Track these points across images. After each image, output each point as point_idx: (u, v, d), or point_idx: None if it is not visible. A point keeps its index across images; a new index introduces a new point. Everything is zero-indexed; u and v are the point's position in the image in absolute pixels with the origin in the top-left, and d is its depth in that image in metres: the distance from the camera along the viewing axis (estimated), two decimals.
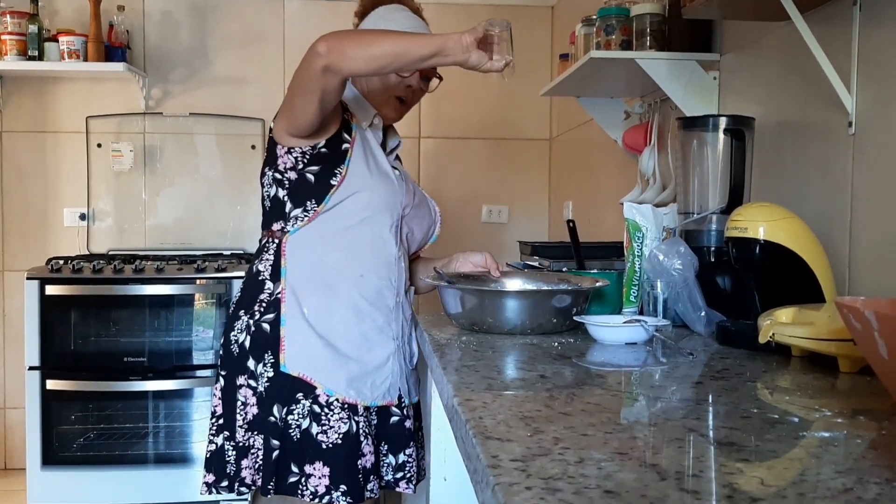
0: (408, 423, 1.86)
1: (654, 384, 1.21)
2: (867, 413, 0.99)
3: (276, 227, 1.79)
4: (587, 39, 2.42)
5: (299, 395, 1.73)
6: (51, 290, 3.27)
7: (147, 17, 3.93)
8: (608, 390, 1.16)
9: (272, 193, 1.78)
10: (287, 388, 1.73)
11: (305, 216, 1.75)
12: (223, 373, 1.81)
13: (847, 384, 1.16)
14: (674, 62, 2.15)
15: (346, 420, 1.73)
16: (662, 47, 2.17)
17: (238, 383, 1.77)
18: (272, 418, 1.73)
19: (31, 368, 3.27)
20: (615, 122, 2.87)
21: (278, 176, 1.76)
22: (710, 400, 1.08)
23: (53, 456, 3.29)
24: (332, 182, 1.73)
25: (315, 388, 1.72)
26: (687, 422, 0.95)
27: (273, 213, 1.79)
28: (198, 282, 3.33)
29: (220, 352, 1.84)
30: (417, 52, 1.52)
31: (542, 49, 4.10)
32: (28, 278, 3.28)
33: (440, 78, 1.92)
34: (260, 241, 1.85)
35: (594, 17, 2.34)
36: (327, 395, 1.72)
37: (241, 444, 1.76)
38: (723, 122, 1.77)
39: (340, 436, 1.72)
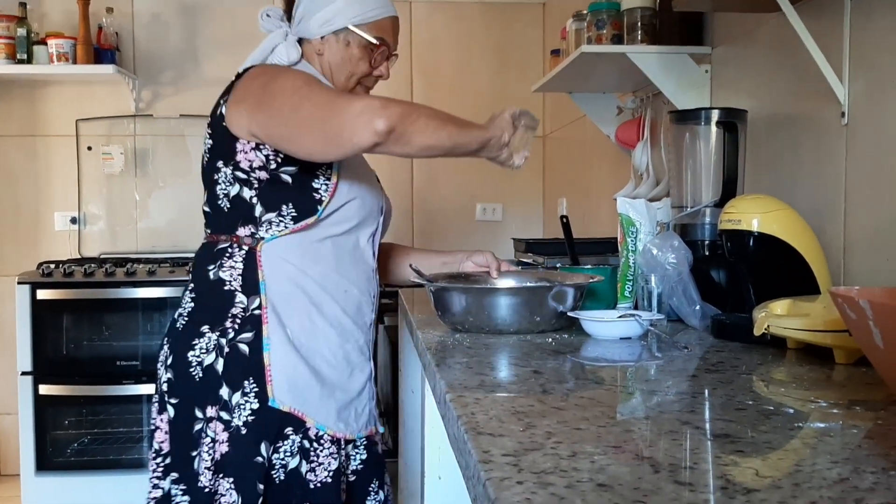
0: (381, 450, 1.69)
1: (649, 378, 1.20)
2: (863, 403, 0.98)
3: (242, 231, 1.55)
4: (578, 34, 2.41)
5: (288, 430, 1.51)
6: (42, 294, 3.25)
7: (136, 18, 3.92)
8: (602, 385, 1.14)
9: (233, 193, 1.53)
10: (275, 423, 1.49)
11: (281, 221, 1.53)
12: (173, 401, 1.52)
13: (843, 375, 1.15)
14: (665, 56, 2.15)
15: (335, 455, 1.55)
16: (654, 41, 2.17)
17: (202, 415, 1.49)
18: (259, 458, 1.48)
19: (23, 374, 3.25)
20: (608, 117, 2.86)
21: (242, 175, 1.52)
22: (706, 393, 1.07)
23: (47, 461, 3.28)
24: (317, 185, 1.52)
25: (304, 422, 1.52)
26: (681, 415, 0.94)
27: (235, 215, 1.54)
28: None
29: (168, 375, 1.54)
30: (466, 147, 1.47)
31: (534, 45, 4.09)
32: (19, 283, 3.27)
33: (396, 56, 1.70)
34: (212, 245, 1.59)
35: (585, 11, 2.33)
36: (317, 430, 1.53)
37: (204, 488, 1.48)
38: (715, 115, 1.76)
39: (330, 473, 1.54)
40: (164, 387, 1.55)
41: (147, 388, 3.30)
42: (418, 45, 4.01)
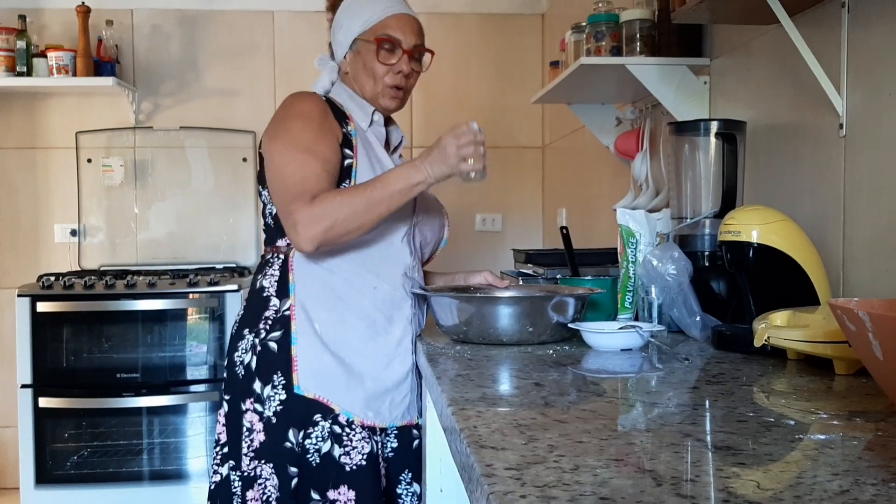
0: (419, 444, 1.73)
1: (650, 390, 1.20)
2: (863, 415, 0.98)
3: (281, 242, 1.71)
4: (577, 46, 2.42)
5: (317, 417, 1.61)
6: (42, 306, 3.25)
7: (136, 30, 3.93)
8: (603, 397, 1.15)
9: (274, 210, 1.68)
10: (302, 410, 1.61)
11: None
12: (227, 397, 1.69)
13: (843, 386, 1.16)
14: (664, 67, 2.15)
15: (368, 440, 1.62)
16: (652, 53, 2.17)
17: (243, 408, 1.65)
18: (288, 444, 1.60)
19: (23, 386, 3.24)
20: (607, 128, 2.87)
21: None
22: (707, 405, 1.07)
23: (47, 474, 3.26)
24: None
25: (332, 409, 1.62)
26: (683, 427, 0.94)
27: (276, 229, 1.70)
28: (190, 296, 3.31)
29: (225, 374, 1.73)
30: (399, 196, 1.55)
31: (533, 57, 4.11)
32: (19, 295, 3.27)
33: (432, 52, 1.80)
34: (262, 256, 1.77)
35: (584, 23, 2.34)
36: (346, 417, 1.62)
37: (246, 473, 1.63)
38: (714, 126, 1.77)
39: (364, 456, 1.61)
40: (224, 385, 1.73)
41: (147, 401, 3.29)
42: None
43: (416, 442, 1.71)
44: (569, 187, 3.70)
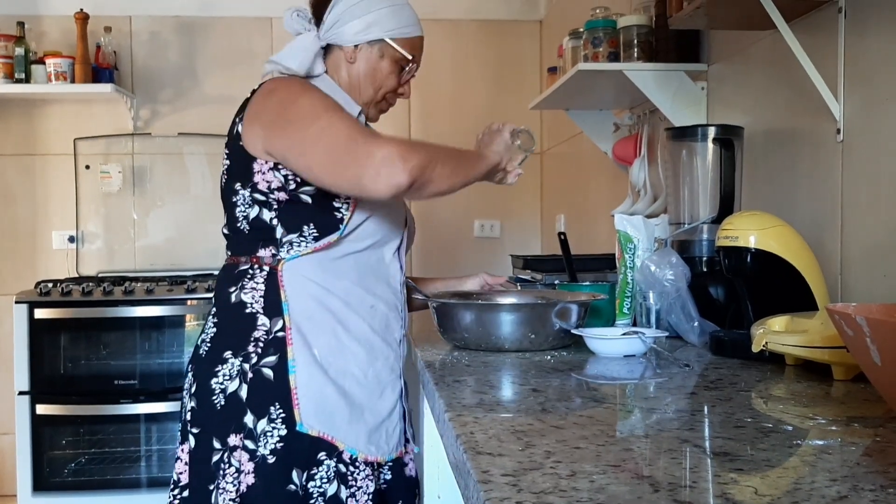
0: (411, 471, 1.63)
1: (648, 396, 1.20)
2: (861, 420, 0.98)
3: (263, 252, 1.49)
4: (575, 52, 2.42)
5: (321, 456, 1.44)
6: (40, 313, 3.24)
7: (134, 37, 3.93)
8: (601, 403, 1.14)
9: (252, 215, 1.48)
10: (305, 448, 1.43)
11: (303, 241, 1.48)
12: (195, 430, 1.46)
13: (841, 391, 1.15)
14: (661, 73, 2.16)
15: (372, 477, 1.49)
16: (650, 58, 2.18)
17: (225, 445, 1.43)
18: (292, 486, 1.41)
19: (20, 393, 3.24)
20: (605, 134, 2.87)
21: (261, 197, 1.47)
22: (705, 410, 1.06)
23: (45, 481, 3.25)
24: (337, 203, 1.47)
25: (336, 446, 1.45)
26: (681, 433, 0.94)
27: (256, 236, 1.49)
28: (188, 302, 3.31)
29: (192, 404, 1.48)
30: (471, 182, 1.52)
31: (531, 63, 4.11)
32: (17, 302, 3.26)
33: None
34: (233, 266, 1.53)
35: (581, 29, 2.35)
36: (350, 453, 1.47)
37: None
38: (711, 131, 1.77)
39: (370, 497, 1.47)
40: (188, 416, 1.49)
41: (145, 408, 3.28)
42: None
43: (405, 468, 1.60)
44: (567, 193, 3.70)
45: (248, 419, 1.43)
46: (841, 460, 0.82)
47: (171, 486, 1.51)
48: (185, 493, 1.47)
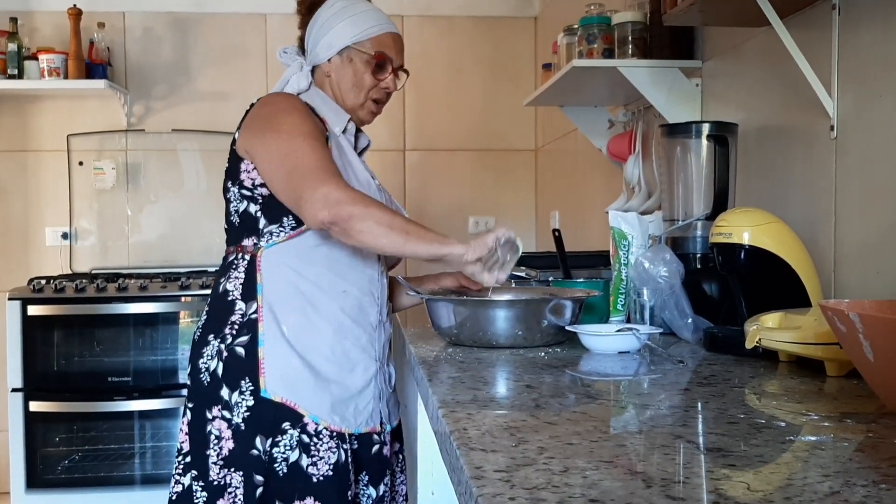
0: (385, 451, 1.71)
1: (642, 392, 1.20)
2: (854, 416, 0.98)
3: (247, 242, 1.65)
4: (569, 49, 2.42)
5: (285, 425, 1.57)
6: (33, 310, 3.23)
7: (128, 33, 3.92)
8: (595, 399, 1.14)
9: (241, 209, 1.64)
10: (270, 416, 1.57)
11: (281, 231, 1.62)
12: (191, 405, 1.65)
13: (834, 388, 1.16)
14: (656, 69, 2.16)
15: (335, 449, 1.59)
16: (644, 55, 2.18)
17: (209, 416, 1.61)
18: (255, 451, 1.57)
19: (13, 390, 3.22)
20: (599, 130, 2.87)
21: (247, 192, 1.63)
22: (698, 406, 1.07)
23: (38, 479, 3.24)
24: None
25: (302, 415, 1.58)
26: (674, 429, 0.94)
27: (243, 228, 1.65)
28: (182, 299, 3.30)
29: (189, 382, 1.68)
30: (413, 255, 1.54)
31: (526, 59, 4.11)
32: (10, 299, 3.25)
33: (407, 73, 1.83)
34: (226, 257, 1.70)
35: (576, 26, 2.34)
36: (315, 423, 1.58)
37: (214, 482, 1.58)
38: (706, 128, 1.77)
39: (331, 467, 1.58)
40: (186, 392, 1.69)
41: (138, 405, 3.27)
42: (410, 59, 3.98)
43: (375, 447, 1.68)
44: (561, 190, 3.70)
45: (224, 392, 1.60)
46: (833, 456, 0.82)
47: (176, 454, 1.68)
48: (188, 459, 1.64)
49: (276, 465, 1.57)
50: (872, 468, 0.77)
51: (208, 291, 3.33)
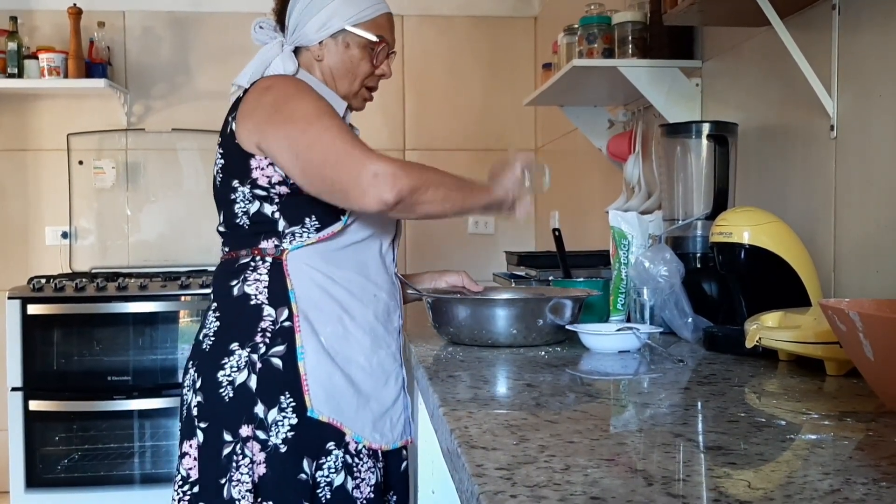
0: (406, 466, 1.63)
1: (642, 391, 1.20)
2: (854, 415, 0.98)
3: (265, 244, 1.49)
4: (569, 48, 2.42)
5: (330, 445, 1.45)
6: (33, 309, 3.23)
7: (128, 32, 3.92)
8: (595, 398, 1.15)
9: (253, 210, 1.48)
10: (315, 436, 1.44)
11: (305, 232, 1.48)
12: (203, 425, 1.45)
13: (834, 387, 1.16)
14: (656, 69, 2.16)
15: (373, 469, 1.49)
16: (644, 55, 2.18)
17: (233, 437, 1.42)
18: (303, 475, 1.42)
19: (13, 389, 3.23)
20: (599, 130, 2.87)
21: (261, 192, 1.47)
22: (698, 405, 1.07)
23: (37, 478, 3.25)
24: None
25: (344, 434, 1.46)
26: (674, 427, 0.94)
27: (257, 230, 1.49)
28: (182, 298, 3.30)
29: (197, 399, 1.46)
30: (468, 213, 1.51)
31: (526, 59, 4.11)
32: (9, 298, 3.25)
33: (395, 53, 1.66)
34: (232, 261, 1.53)
35: (576, 26, 2.34)
36: (356, 443, 1.47)
37: None
38: (706, 128, 1.77)
39: (372, 489, 1.48)
40: (194, 411, 1.47)
41: (138, 404, 3.27)
42: (410, 58, 4.02)
43: (403, 464, 1.60)
44: (561, 190, 3.70)
45: (259, 409, 1.43)
46: (833, 454, 0.82)
47: (180, 483, 1.48)
48: (196, 489, 1.45)
49: (319, 490, 1.44)
50: (872, 466, 0.77)
51: (208, 291, 3.29)
